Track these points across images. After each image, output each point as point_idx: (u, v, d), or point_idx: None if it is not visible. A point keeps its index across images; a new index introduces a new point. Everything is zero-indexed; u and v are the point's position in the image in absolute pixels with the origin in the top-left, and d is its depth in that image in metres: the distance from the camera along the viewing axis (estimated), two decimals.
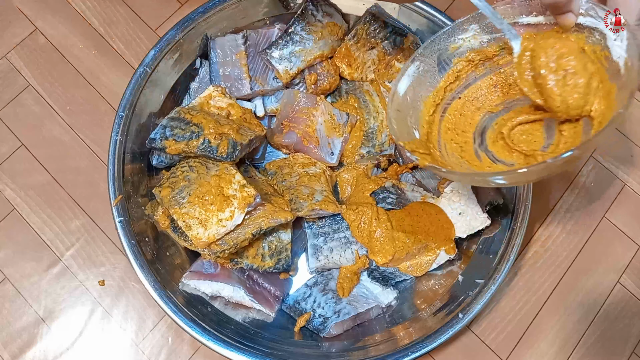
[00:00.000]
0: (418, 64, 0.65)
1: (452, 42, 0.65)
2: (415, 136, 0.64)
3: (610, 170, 0.85)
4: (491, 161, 0.63)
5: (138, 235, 0.70)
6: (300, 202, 0.72)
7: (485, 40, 0.64)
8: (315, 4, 0.79)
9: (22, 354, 0.75)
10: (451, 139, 0.65)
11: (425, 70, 0.66)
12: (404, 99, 0.65)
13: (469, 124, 0.66)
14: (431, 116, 0.66)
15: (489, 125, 0.65)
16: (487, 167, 0.63)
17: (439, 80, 0.66)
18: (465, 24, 0.64)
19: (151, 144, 0.71)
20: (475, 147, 0.64)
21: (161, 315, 0.77)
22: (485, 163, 0.63)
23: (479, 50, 0.65)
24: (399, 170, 0.80)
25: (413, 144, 0.62)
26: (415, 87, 0.65)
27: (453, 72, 0.66)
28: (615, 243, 0.82)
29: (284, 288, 0.75)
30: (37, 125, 0.84)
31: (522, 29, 0.61)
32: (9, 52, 0.87)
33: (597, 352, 0.77)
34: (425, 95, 0.66)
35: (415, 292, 0.76)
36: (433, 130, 0.66)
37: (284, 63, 0.78)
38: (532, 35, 0.60)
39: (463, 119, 0.66)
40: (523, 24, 0.61)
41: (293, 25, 0.78)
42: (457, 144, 0.65)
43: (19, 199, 0.81)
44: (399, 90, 0.64)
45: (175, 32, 0.76)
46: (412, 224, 0.74)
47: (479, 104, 0.66)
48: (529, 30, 0.60)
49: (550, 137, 0.61)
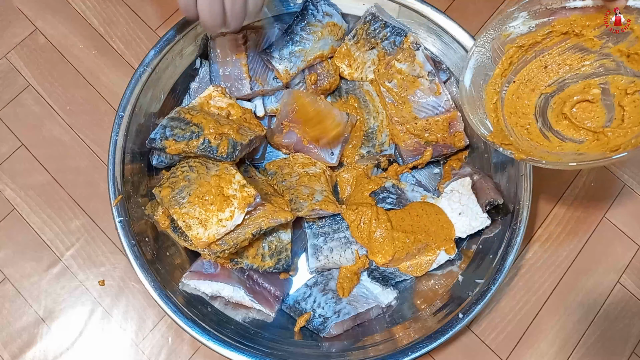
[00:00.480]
0: (477, 56, 0.69)
1: (504, 30, 0.68)
2: (489, 127, 0.68)
3: (610, 170, 0.85)
4: (559, 140, 0.66)
5: (138, 235, 0.70)
6: (300, 202, 0.72)
7: (533, 26, 0.68)
8: (315, 3, 0.79)
9: (22, 354, 0.75)
10: (516, 123, 0.69)
11: (483, 61, 0.69)
12: (470, 92, 0.68)
13: (527, 105, 0.69)
14: (494, 104, 0.69)
15: (547, 106, 0.68)
16: (557, 146, 0.66)
17: (494, 68, 0.70)
18: (515, 12, 0.67)
19: (151, 144, 0.71)
20: (539, 127, 0.68)
21: (161, 315, 0.77)
22: (555, 142, 0.66)
23: (527, 35, 0.68)
24: (399, 170, 0.80)
25: (495, 137, 0.66)
26: (477, 79, 0.69)
27: (506, 59, 0.69)
28: (615, 243, 0.82)
29: (284, 288, 0.75)
30: (37, 125, 0.84)
31: (568, 13, 0.65)
32: (9, 52, 0.87)
33: (597, 352, 0.77)
34: (485, 84, 0.69)
35: (415, 292, 0.76)
36: (499, 118, 0.69)
37: (284, 63, 0.78)
38: (579, 16, 0.64)
39: (520, 101, 0.69)
40: (570, 8, 0.65)
41: (293, 25, 0.78)
42: (522, 127, 0.69)
43: (19, 199, 0.81)
44: (466, 84, 0.68)
45: (175, 32, 0.76)
46: (412, 224, 0.74)
47: (532, 85, 0.70)
48: (576, 14, 0.64)
49: (610, 112, 0.64)
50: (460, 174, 0.77)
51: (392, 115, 0.79)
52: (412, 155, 0.79)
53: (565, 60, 0.68)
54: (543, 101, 0.69)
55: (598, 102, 0.65)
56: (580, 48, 0.67)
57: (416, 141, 0.79)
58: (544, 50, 0.68)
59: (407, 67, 0.79)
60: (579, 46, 0.67)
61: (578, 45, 0.67)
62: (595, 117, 0.65)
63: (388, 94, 0.79)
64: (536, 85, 0.69)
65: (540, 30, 0.67)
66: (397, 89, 0.79)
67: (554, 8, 0.65)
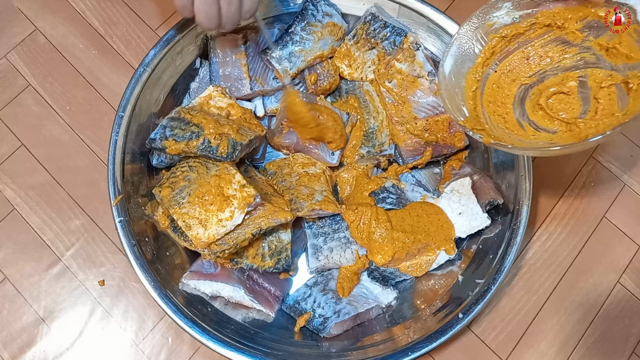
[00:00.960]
0: (459, 44, 0.70)
1: (488, 20, 0.69)
2: (465, 113, 0.68)
3: (610, 170, 0.85)
4: (534, 130, 0.67)
5: (138, 235, 0.70)
6: (300, 202, 0.72)
7: (517, 17, 0.68)
8: (315, 4, 0.79)
9: (22, 354, 0.75)
10: (494, 111, 0.70)
11: (465, 49, 0.70)
12: (449, 79, 0.69)
13: (506, 95, 0.70)
14: (473, 92, 0.70)
15: (526, 96, 0.69)
16: (531, 135, 0.67)
17: (476, 57, 0.70)
18: (500, 3, 0.68)
19: (151, 144, 0.71)
20: (516, 117, 0.69)
21: (161, 315, 0.77)
22: (529, 132, 0.67)
23: (511, 25, 0.69)
24: (399, 170, 0.80)
25: (468, 122, 0.67)
26: (458, 66, 0.69)
27: (489, 48, 0.70)
28: (615, 243, 0.82)
29: (284, 288, 0.75)
30: (37, 125, 0.84)
31: (552, 5, 0.66)
32: (9, 52, 0.87)
33: (597, 352, 0.77)
34: (466, 72, 0.70)
35: (415, 292, 0.76)
36: (477, 105, 0.70)
37: (284, 63, 0.78)
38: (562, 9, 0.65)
39: (500, 91, 0.70)
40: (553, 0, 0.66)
41: (293, 25, 0.78)
42: (500, 115, 0.69)
43: (19, 199, 0.81)
44: (445, 70, 0.69)
45: (175, 32, 0.76)
46: (412, 224, 0.74)
47: (513, 76, 0.70)
48: (559, 6, 0.65)
49: (586, 104, 0.65)
50: (460, 174, 0.77)
51: (392, 115, 0.79)
52: (412, 155, 0.79)
53: (547, 52, 0.69)
54: (523, 92, 0.70)
55: (574, 94, 0.66)
56: (562, 41, 0.68)
57: (416, 141, 0.79)
58: (527, 41, 0.69)
59: (407, 67, 0.79)
60: (561, 39, 0.68)
61: (560, 38, 0.68)
62: (571, 108, 0.66)
63: (388, 94, 0.79)
64: (517, 75, 0.70)
65: (524, 21, 0.68)
66: (397, 89, 0.79)
67: (537, 0, 0.66)
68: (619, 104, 0.62)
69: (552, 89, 0.67)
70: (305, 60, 0.79)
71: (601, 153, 0.86)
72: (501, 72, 0.71)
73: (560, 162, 0.85)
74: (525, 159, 0.73)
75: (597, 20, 0.64)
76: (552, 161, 0.85)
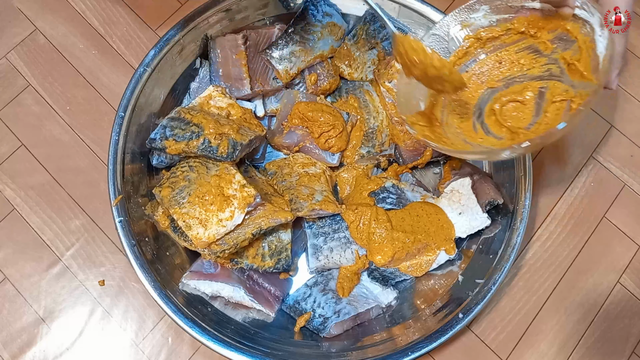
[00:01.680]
0: (431, 40, 0.70)
1: (464, 20, 0.70)
2: (421, 107, 0.69)
3: (610, 170, 0.85)
4: (484, 133, 0.68)
5: (138, 235, 0.70)
6: (300, 202, 0.72)
7: (494, 20, 0.69)
8: (315, 4, 0.79)
9: (22, 354, 0.75)
10: (453, 109, 0.70)
11: (437, 48, 0.70)
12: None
13: (471, 96, 0.71)
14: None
15: (489, 99, 0.70)
16: (479, 139, 0.68)
17: (449, 55, 0.71)
18: (477, 4, 0.68)
19: (151, 144, 0.71)
20: (474, 119, 0.70)
21: (161, 315, 0.77)
22: (480, 134, 0.68)
23: (487, 28, 0.69)
24: (399, 170, 0.80)
25: (414, 117, 0.67)
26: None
27: (463, 49, 0.71)
28: (615, 243, 0.82)
29: (284, 288, 0.75)
30: (37, 125, 0.84)
31: (528, 12, 0.66)
32: (9, 52, 0.87)
33: (597, 352, 0.77)
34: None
35: (415, 292, 0.76)
36: (439, 102, 0.71)
37: (284, 63, 0.78)
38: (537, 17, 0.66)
39: (466, 92, 0.71)
40: (529, 8, 0.66)
41: (293, 25, 0.78)
42: (458, 115, 0.70)
43: (19, 199, 0.81)
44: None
45: (175, 32, 0.76)
46: (412, 224, 0.74)
47: (483, 78, 0.71)
48: (534, 14, 0.66)
49: (537, 116, 0.65)
50: (460, 174, 0.77)
51: (392, 115, 0.79)
52: (412, 155, 0.79)
53: (519, 59, 0.69)
54: (487, 94, 0.70)
55: (531, 104, 0.67)
56: (534, 49, 0.68)
57: (416, 141, 0.79)
58: (502, 45, 0.70)
59: None
60: (534, 47, 0.68)
61: (533, 47, 0.68)
62: (522, 117, 0.66)
63: (388, 94, 0.79)
64: (487, 78, 0.71)
65: (500, 25, 0.69)
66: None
67: (514, 6, 0.67)
68: (562, 118, 0.62)
69: (506, 97, 0.68)
70: (305, 60, 0.79)
71: (601, 153, 0.86)
72: (472, 73, 0.71)
73: (560, 162, 0.86)
74: (526, 159, 0.73)
75: (565, 34, 0.64)
76: (552, 161, 0.85)
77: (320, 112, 0.76)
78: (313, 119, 0.76)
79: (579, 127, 0.87)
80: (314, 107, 0.77)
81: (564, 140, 0.86)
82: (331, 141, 0.77)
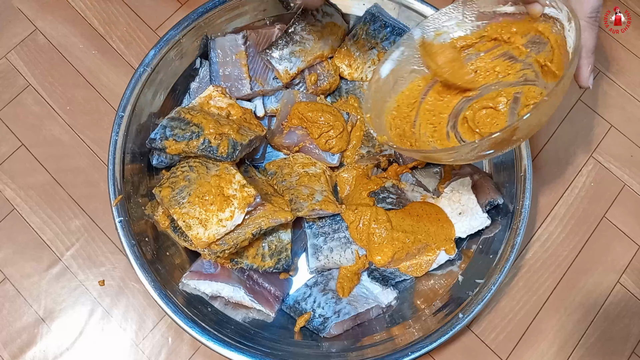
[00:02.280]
0: (403, 49, 0.69)
1: (437, 29, 0.69)
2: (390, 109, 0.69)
3: (610, 170, 0.85)
4: (457, 141, 0.67)
5: (138, 235, 0.70)
6: (300, 202, 0.72)
7: (468, 28, 0.68)
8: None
9: (22, 354, 0.75)
10: (427, 120, 0.70)
11: (410, 55, 0.70)
12: (386, 81, 0.69)
13: (446, 106, 0.70)
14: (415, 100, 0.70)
15: (464, 108, 0.69)
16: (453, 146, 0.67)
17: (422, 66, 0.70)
18: (450, 12, 0.67)
19: (151, 144, 0.71)
20: (447, 128, 0.69)
21: (161, 315, 0.77)
22: (452, 142, 0.67)
23: (461, 37, 0.68)
24: (399, 170, 0.80)
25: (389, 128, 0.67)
26: (399, 71, 0.70)
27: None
28: (615, 243, 0.82)
29: (284, 288, 0.75)
30: (37, 125, 0.84)
31: (500, 18, 0.65)
32: (9, 52, 0.87)
33: (597, 352, 0.77)
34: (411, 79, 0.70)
35: (415, 292, 0.76)
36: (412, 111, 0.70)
37: (284, 63, 0.78)
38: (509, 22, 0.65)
39: (441, 103, 0.70)
40: (501, 13, 0.65)
41: (293, 26, 0.78)
42: (432, 125, 0.69)
43: (19, 199, 0.81)
44: (382, 73, 0.69)
45: (175, 32, 0.76)
46: (412, 224, 0.74)
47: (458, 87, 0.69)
48: (506, 19, 0.65)
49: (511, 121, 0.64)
50: (460, 174, 0.77)
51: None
52: None
53: (495, 67, 0.68)
54: (463, 103, 0.69)
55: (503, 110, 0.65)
56: (509, 56, 0.67)
57: None
58: (476, 54, 0.69)
59: None
60: (508, 54, 0.67)
61: (508, 53, 0.67)
62: (495, 124, 0.65)
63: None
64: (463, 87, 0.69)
65: (474, 33, 0.68)
66: None
67: (486, 12, 0.66)
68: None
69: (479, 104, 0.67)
70: (305, 60, 0.79)
71: (601, 153, 0.86)
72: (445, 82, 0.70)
73: (560, 162, 0.86)
74: (526, 159, 0.73)
75: (539, 36, 0.63)
76: (552, 161, 0.85)
77: (320, 112, 0.76)
78: (313, 119, 0.76)
79: (579, 127, 0.87)
80: (314, 107, 0.77)
81: (564, 140, 0.86)
82: (332, 142, 0.77)
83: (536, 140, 0.86)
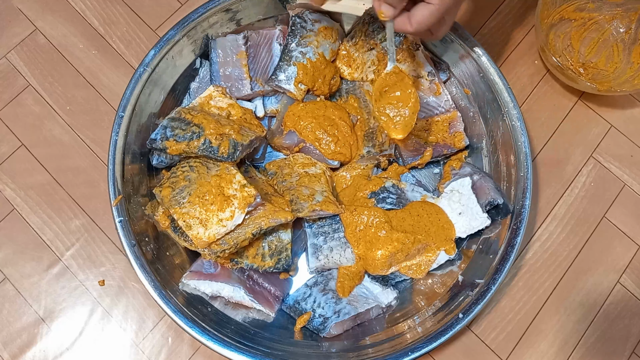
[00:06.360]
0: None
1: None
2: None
3: (610, 170, 0.85)
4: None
5: (138, 235, 0.70)
6: (300, 203, 0.72)
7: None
8: (301, 15, 0.79)
9: (22, 354, 0.75)
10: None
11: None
12: None
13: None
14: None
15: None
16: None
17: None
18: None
19: (152, 145, 0.71)
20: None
21: (161, 315, 0.77)
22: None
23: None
24: (399, 170, 0.80)
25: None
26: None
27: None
28: (615, 243, 0.82)
29: (284, 288, 0.75)
30: (37, 125, 0.84)
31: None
32: (9, 52, 0.87)
33: (597, 352, 0.77)
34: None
35: (415, 292, 0.76)
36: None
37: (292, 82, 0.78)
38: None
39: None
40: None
41: (288, 45, 0.78)
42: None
43: (19, 199, 0.81)
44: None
45: (175, 32, 0.76)
46: (412, 224, 0.74)
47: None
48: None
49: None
50: (460, 174, 0.77)
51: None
52: (412, 155, 0.79)
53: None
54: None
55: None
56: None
57: (416, 141, 0.79)
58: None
59: (407, 67, 0.79)
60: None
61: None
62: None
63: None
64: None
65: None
66: None
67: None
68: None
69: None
70: None
71: (601, 153, 0.86)
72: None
73: (560, 162, 0.86)
74: (526, 159, 0.73)
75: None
76: (552, 161, 0.85)
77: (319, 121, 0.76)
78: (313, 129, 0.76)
79: (579, 127, 0.87)
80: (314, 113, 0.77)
81: (564, 140, 0.86)
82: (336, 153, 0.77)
83: (536, 140, 0.86)
